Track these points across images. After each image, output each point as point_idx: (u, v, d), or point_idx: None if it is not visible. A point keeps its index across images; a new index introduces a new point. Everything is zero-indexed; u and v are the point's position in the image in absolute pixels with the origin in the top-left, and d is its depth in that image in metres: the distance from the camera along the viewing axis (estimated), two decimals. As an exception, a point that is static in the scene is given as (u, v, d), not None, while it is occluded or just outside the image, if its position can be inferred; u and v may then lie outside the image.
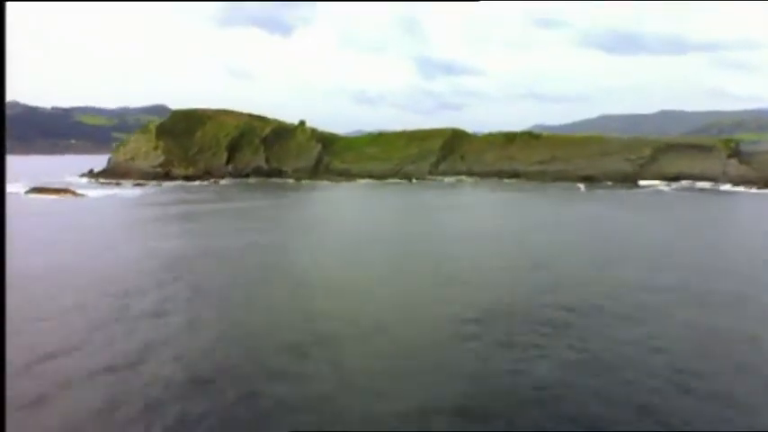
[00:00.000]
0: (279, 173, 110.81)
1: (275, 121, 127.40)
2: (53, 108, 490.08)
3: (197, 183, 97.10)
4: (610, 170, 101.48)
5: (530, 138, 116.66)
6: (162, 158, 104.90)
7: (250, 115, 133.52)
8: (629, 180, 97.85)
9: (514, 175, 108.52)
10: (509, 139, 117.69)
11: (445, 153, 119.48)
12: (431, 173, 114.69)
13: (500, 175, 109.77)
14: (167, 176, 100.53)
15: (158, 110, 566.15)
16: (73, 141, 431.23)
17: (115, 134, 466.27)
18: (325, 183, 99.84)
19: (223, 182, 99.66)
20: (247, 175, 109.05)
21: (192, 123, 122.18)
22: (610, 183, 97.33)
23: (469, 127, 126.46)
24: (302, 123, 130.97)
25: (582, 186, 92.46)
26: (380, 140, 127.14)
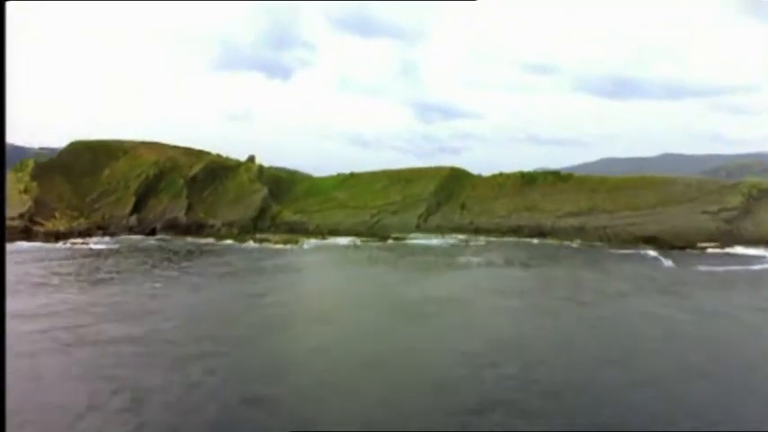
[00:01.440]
0: (200, 228, 75.83)
1: (212, 156, 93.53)
2: (41, 148, 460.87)
3: (61, 244, 61.92)
4: (681, 228, 66.39)
5: (555, 179, 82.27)
6: (27, 206, 70.26)
7: (184, 149, 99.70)
8: (714, 242, 62.65)
9: (539, 232, 73.56)
10: (527, 180, 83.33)
11: (440, 200, 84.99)
12: (419, 228, 79.93)
13: (518, 232, 74.86)
14: (27, 233, 65.64)
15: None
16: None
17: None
18: (258, 245, 64.53)
19: (104, 243, 64.23)
20: (153, 231, 74.09)
21: (99, 158, 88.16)
22: (684, 247, 61.96)
23: (469, 169, 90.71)
24: (250, 159, 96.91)
25: (656, 254, 56.67)
26: (353, 182, 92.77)
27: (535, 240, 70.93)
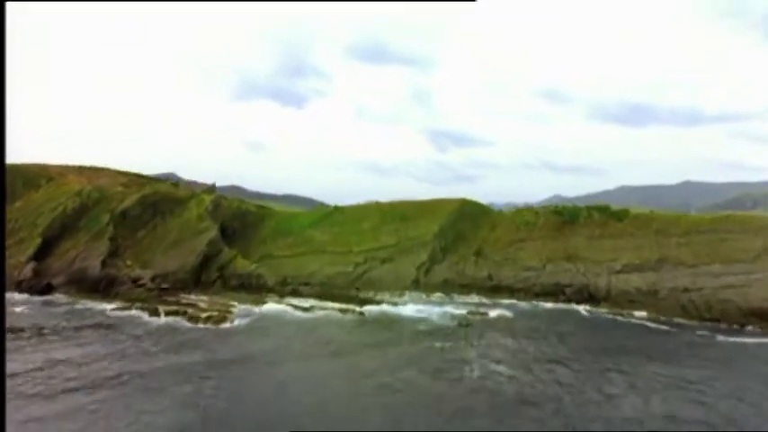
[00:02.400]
0: (110, 284, 54.07)
1: (158, 185, 72.72)
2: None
3: None
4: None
5: (604, 216, 59.21)
6: None
7: (131, 175, 79.20)
8: None
9: (588, 295, 50.32)
10: (564, 217, 60.50)
11: (447, 244, 62.43)
12: (418, 284, 57.41)
13: (556, 293, 51.93)
14: None
15: (167, 178, 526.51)
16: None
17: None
18: (170, 319, 42.24)
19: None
20: (48, 288, 52.58)
21: (16, 186, 68.04)
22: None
23: (484, 197, 67.22)
24: (208, 190, 76.03)
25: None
26: (336, 218, 70.70)
27: (583, 309, 47.81)
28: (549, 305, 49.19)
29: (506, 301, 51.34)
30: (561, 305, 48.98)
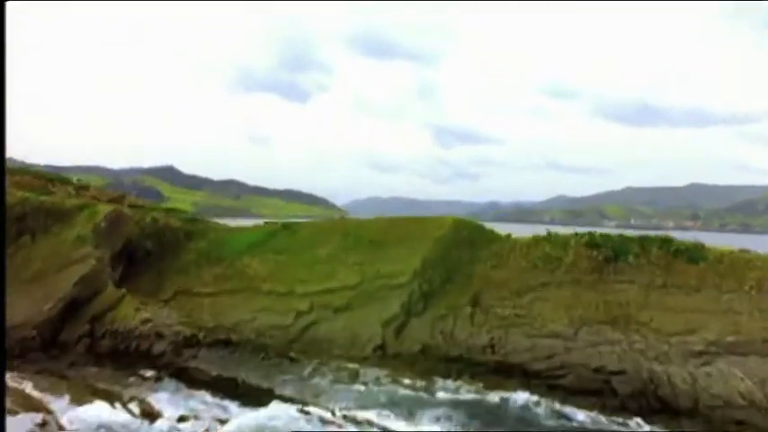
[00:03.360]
0: None
1: (39, 189, 52.67)
2: (45, 166, 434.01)
3: None
4: None
5: (665, 254, 38.71)
6: None
7: (22, 172, 59.14)
8: None
9: (655, 400, 30.29)
10: (605, 252, 40.11)
11: (432, 286, 42.23)
12: (383, 351, 37.52)
13: (599, 388, 31.85)
14: None
15: (165, 172, 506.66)
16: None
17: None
18: None
19: None
20: None
21: None
22: None
23: (487, 196, 42.86)
24: (116, 198, 56.18)
25: None
26: (283, 242, 50.46)
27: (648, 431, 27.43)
28: (589, 417, 28.79)
29: (520, 395, 31.11)
30: (613, 420, 28.55)
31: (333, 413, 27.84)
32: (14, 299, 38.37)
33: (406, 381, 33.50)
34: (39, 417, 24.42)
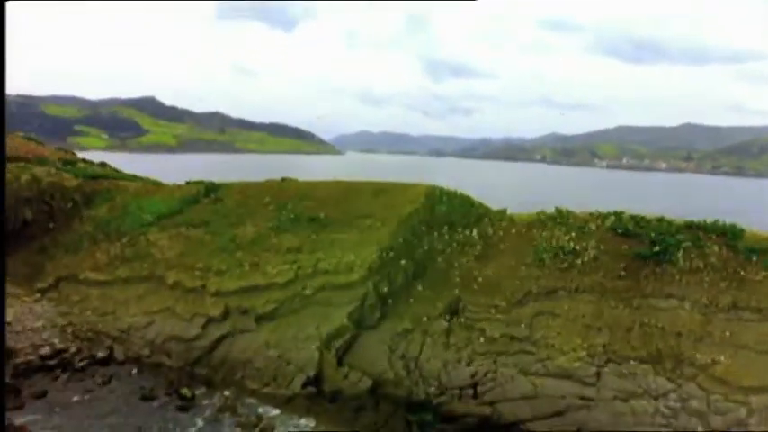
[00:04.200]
0: None
1: None
2: (17, 95, 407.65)
3: None
4: None
5: (726, 251, 26.60)
6: None
7: None
8: None
9: None
10: (640, 245, 27.92)
11: (393, 287, 29.96)
12: (318, 386, 25.95)
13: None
14: None
15: (145, 103, 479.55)
16: (20, 134, 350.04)
17: (79, 127, 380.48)
18: None
19: None
20: None
21: None
22: None
23: (479, 132, 28.31)
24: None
25: None
26: (202, 211, 37.35)
27: None
28: None
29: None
30: None
31: None
32: None
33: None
34: None
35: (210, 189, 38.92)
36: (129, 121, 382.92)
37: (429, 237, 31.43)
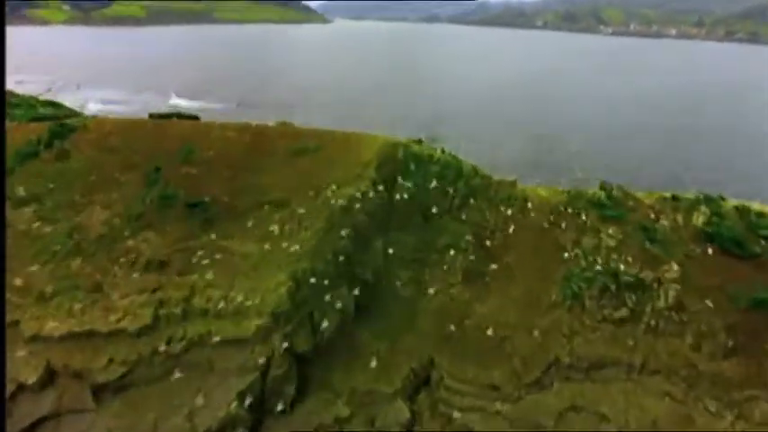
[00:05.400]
0: None
1: None
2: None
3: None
4: None
5: None
6: None
7: None
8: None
9: None
10: (750, 259, 15.28)
11: (319, 341, 17.52)
12: None
13: None
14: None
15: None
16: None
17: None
18: None
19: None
20: None
21: None
22: None
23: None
24: None
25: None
26: (39, 174, 23.82)
27: None
28: None
29: None
30: None
31: None
32: None
33: None
34: None
35: (56, 134, 24.38)
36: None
37: (385, 239, 18.09)
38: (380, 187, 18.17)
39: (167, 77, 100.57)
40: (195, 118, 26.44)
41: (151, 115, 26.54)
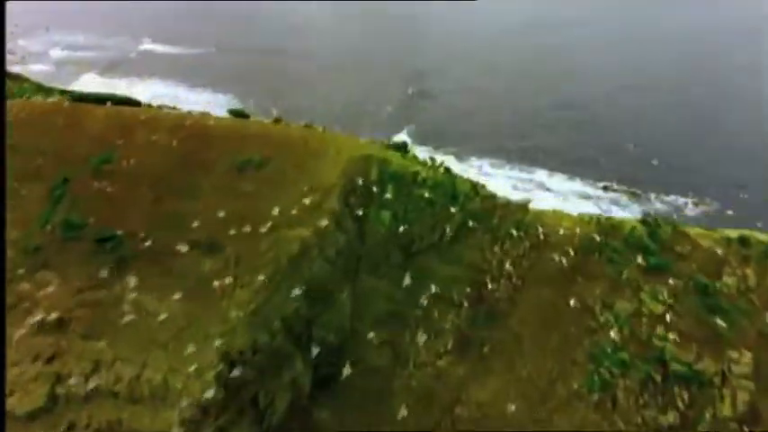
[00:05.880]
0: None
1: None
2: None
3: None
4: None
5: None
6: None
7: None
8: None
9: None
10: None
11: None
12: None
13: None
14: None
15: None
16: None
17: None
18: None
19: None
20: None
21: None
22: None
23: None
24: None
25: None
26: None
27: None
28: None
29: None
30: None
31: None
32: None
33: None
34: None
35: None
36: None
37: (352, 287, 13.58)
38: (347, 222, 13.41)
39: (143, 20, 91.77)
40: (136, 104, 21.09)
41: (75, 96, 21.12)
